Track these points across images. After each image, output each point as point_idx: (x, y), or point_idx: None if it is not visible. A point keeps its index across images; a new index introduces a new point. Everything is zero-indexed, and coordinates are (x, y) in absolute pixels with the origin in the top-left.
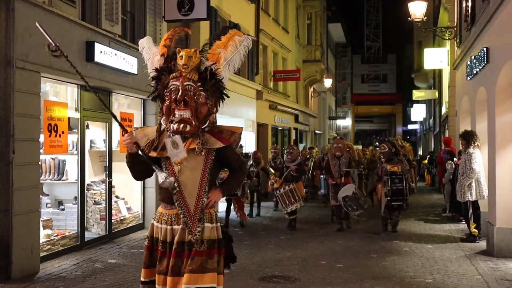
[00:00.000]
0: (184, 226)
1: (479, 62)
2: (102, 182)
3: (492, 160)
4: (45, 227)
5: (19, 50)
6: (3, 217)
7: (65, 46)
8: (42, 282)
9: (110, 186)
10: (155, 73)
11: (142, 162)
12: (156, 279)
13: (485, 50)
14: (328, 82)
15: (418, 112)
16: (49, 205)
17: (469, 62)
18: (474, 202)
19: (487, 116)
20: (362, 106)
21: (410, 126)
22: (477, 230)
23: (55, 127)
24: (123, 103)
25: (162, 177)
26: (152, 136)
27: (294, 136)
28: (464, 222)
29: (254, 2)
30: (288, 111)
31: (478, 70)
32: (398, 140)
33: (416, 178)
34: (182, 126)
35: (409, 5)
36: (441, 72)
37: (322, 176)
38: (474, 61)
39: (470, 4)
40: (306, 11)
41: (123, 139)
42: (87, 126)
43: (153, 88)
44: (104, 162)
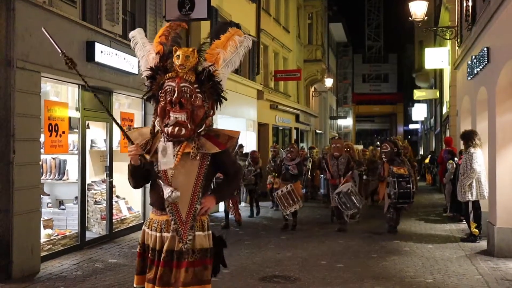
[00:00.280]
0: (174, 233)
1: (480, 62)
2: (102, 182)
3: (492, 160)
4: (45, 227)
5: (20, 50)
6: (4, 217)
7: (65, 46)
8: (43, 282)
9: (111, 186)
10: (150, 72)
11: (143, 173)
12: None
13: (485, 50)
14: (329, 82)
15: (419, 111)
16: (50, 205)
17: (469, 62)
18: (475, 202)
19: (488, 115)
20: (363, 105)
21: (411, 126)
22: (477, 230)
23: (56, 127)
24: (124, 103)
25: (168, 192)
26: (145, 137)
27: (295, 136)
28: (464, 222)
29: (255, 1)
30: (289, 111)
31: (478, 70)
32: (399, 140)
33: (416, 178)
34: (177, 129)
35: (409, 4)
36: (442, 71)
37: (322, 176)
38: (475, 60)
39: (470, 3)
40: (307, 11)
41: (129, 150)
42: (88, 126)
43: (147, 87)
44: (104, 162)
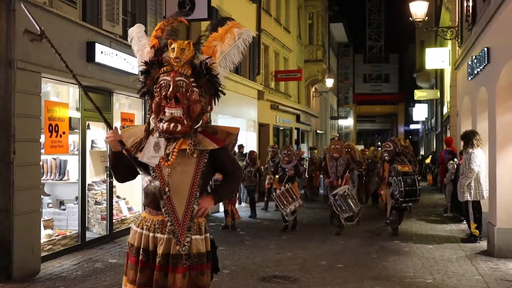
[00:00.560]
0: (171, 235)
1: (480, 62)
2: (103, 182)
3: (492, 160)
4: (46, 227)
5: (20, 50)
6: (4, 217)
7: (66, 47)
8: (43, 282)
9: (111, 186)
10: (144, 66)
11: (125, 163)
12: None
13: (485, 50)
14: (329, 82)
15: (420, 112)
16: (50, 205)
17: (470, 62)
18: (475, 202)
19: (488, 116)
20: (364, 106)
21: (412, 126)
22: (477, 230)
23: (56, 128)
24: (124, 103)
25: (146, 180)
26: (140, 136)
27: (295, 136)
28: (465, 222)
29: (255, 2)
30: (289, 111)
31: (479, 70)
32: (401, 139)
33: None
34: (172, 125)
35: (410, 5)
36: (442, 72)
37: (322, 176)
38: (475, 61)
39: (471, 4)
40: (308, 11)
41: (107, 136)
42: (88, 126)
43: (141, 83)
44: (105, 162)
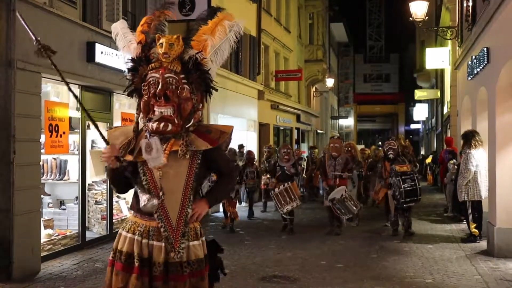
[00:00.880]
0: (165, 242)
1: (480, 62)
2: (103, 182)
3: (492, 160)
4: (46, 227)
5: (20, 51)
6: (4, 217)
7: (66, 47)
8: (43, 282)
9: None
10: (131, 63)
11: (124, 177)
12: None
13: (485, 50)
14: (330, 82)
15: (420, 111)
16: (50, 205)
17: (470, 62)
18: (474, 202)
19: (488, 116)
20: (364, 105)
21: (413, 126)
22: (477, 230)
23: (56, 127)
24: (125, 103)
25: (144, 199)
26: (128, 137)
27: (296, 136)
28: (465, 222)
29: (255, 2)
30: (290, 111)
31: (478, 70)
32: (401, 139)
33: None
34: (162, 125)
35: (410, 5)
36: (443, 71)
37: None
38: (475, 61)
39: (470, 4)
40: (308, 11)
41: (103, 152)
42: (88, 126)
43: (128, 81)
44: (105, 162)
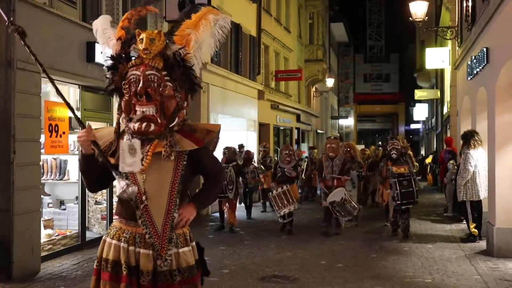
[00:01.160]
0: (151, 249)
1: (479, 62)
2: None
3: (492, 160)
4: (46, 227)
5: (20, 51)
6: (4, 217)
7: (66, 47)
8: (43, 281)
9: (111, 186)
10: (111, 61)
11: (98, 168)
12: None
13: (485, 50)
14: (330, 82)
15: (420, 111)
16: (50, 205)
17: (469, 62)
18: (473, 202)
19: (487, 116)
20: (364, 105)
21: (413, 126)
22: (476, 230)
23: (56, 128)
24: None
25: (122, 185)
26: (109, 138)
27: (296, 136)
28: (465, 222)
29: (255, 1)
30: (290, 111)
31: (478, 70)
32: (400, 140)
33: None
34: (144, 125)
35: (410, 5)
36: (443, 71)
37: None
38: (475, 61)
39: (470, 4)
40: (308, 11)
41: (78, 135)
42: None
43: (108, 80)
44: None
